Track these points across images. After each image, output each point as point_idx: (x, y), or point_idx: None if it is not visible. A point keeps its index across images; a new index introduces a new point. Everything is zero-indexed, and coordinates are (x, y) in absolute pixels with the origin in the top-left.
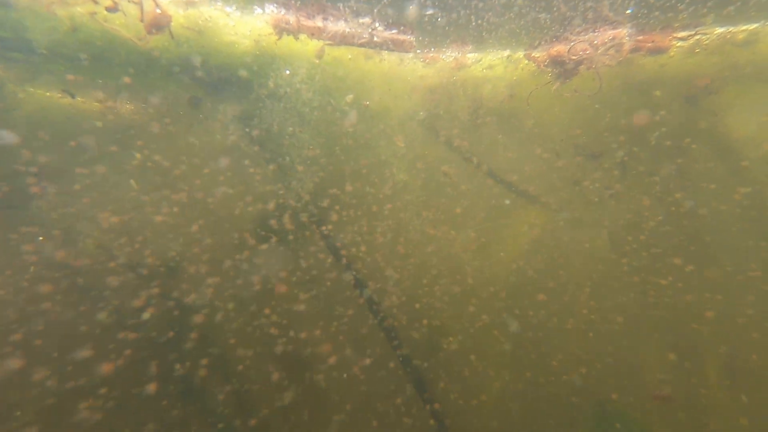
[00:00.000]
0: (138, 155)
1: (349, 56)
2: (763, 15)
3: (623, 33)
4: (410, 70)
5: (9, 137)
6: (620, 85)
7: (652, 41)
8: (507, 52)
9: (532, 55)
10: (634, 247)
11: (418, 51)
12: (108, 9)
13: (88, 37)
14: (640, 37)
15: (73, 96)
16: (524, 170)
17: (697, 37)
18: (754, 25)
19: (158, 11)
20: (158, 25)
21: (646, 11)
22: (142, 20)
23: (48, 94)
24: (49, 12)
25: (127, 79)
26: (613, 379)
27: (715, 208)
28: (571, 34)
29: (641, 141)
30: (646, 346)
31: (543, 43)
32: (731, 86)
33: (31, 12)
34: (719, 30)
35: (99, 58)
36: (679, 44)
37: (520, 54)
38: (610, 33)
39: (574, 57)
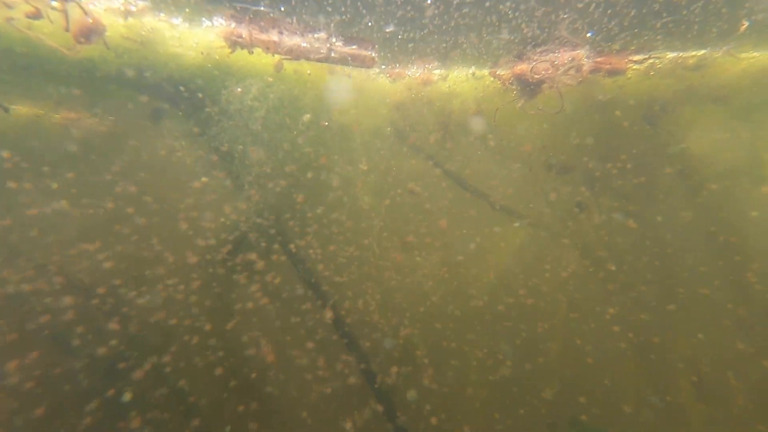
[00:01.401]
0: (76, 173)
1: (309, 71)
2: (709, 42)
3: (582, 54)
4: (377, 85)
5: None
6: (582, 105)
7: (610, 63)
8: (472, 69)
9: (497, 72)
10: (606, 261)
11: (383, 66)
12: (29, 16)
13: (8, 44)
14: (599, 59)
15: (6, 110)
16: (494, 186)
17: (651, 60)
18: (702, 51)
19: (89, 20)
20: (89, 34)
21: (602, 35)
22: (67, 29)
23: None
24: None
25: (64, 92)
26: (584, 398)
27: (676, 222)
28: (533, 54)
29: (605, 158)
30: (619, 362)
31: (507, 61)
32: (686, 107)
33: None
34: (671, 55)
35: (24, 68)
36: (635, 67)
37: (485, 71)
38: (570, 54)
39: (537, 76)
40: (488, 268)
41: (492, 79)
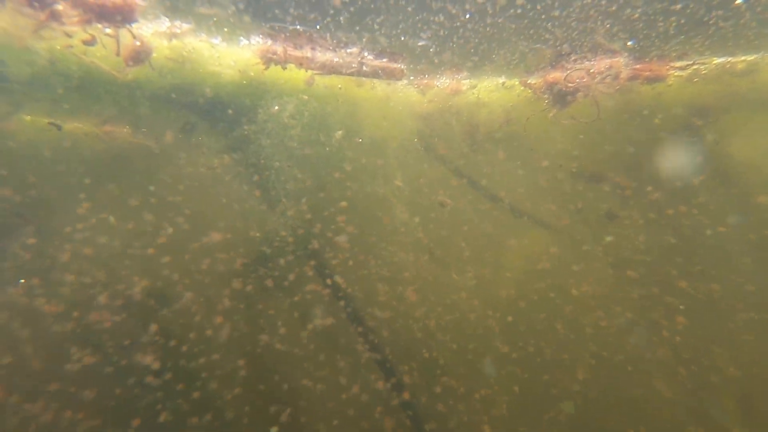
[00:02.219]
0: (120, 188)
1: (339, 85)
2: (763, 46)
3: (620, 62)
4: (404, 97)
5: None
6: (618, 113)
7: (650, 70)
8: (502, 79)
9: (528, 81)
10: (638, 273)
11: (411, 78)
12: (85, 42)
13: (66, 69)
14: (638, 66)
15: (59, 128)
16: (524, 196)
17: (695, 66)
18: (753, 56)
19: (138, 44)
20: (137, 57)
21: (643, 42)
22: (118, 54)
23: (29, 118)
24: (25, 47)
25: (111, 111)
26: (614, 413)
27: (717, 233)
28: (566, 62)
29: (640, 166)
30: (653, 376)
31: (539, 70)
32: (732, 114)
33: (6, 48)
34: (717, 60)
35: (79, 90)
36: (677, 74)
37: (516, 81)
38: (607, 62)
39: (570, 84)
40: (517, 281)
41: (522, 88)
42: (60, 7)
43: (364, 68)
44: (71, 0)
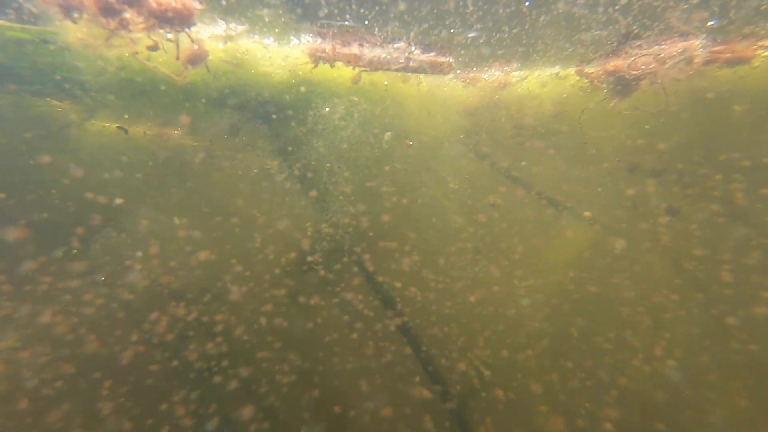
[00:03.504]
0: (180, 189)
1: (386, 81)
2: None
3: (696, 44)
4: (449, 91)
5: (76, 171)
6: (689, 100)
7: (732, 51)
8: (556, 69)
9: (585, 70)
10: (701, 272)
11: (458, 71)
12: (149, 48)
13: (131, 75)
14: (717, 48)
15: (126, 131)
16: (575, 192)
17: None
18: None
19: (195, 47)
20: (195, 60)
21: (725, 21)
22: (177, 58)
23: (105, 125)
24: (97, 54)
25: (169, 114)
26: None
27: None
28: (631, 48)
29: (709, 158)
30: (714, 385)
31: (598, 57)
32: None
33: (82, 55)
34: None
35: (142, 95)
36: (765, 54)
37: (571, 70)
38: (681, 45)
39: (634, 72)
40: (571, 281)
41: (578, 78)
42: (128, 15)
43: (412, 63)
44: (137, 7)
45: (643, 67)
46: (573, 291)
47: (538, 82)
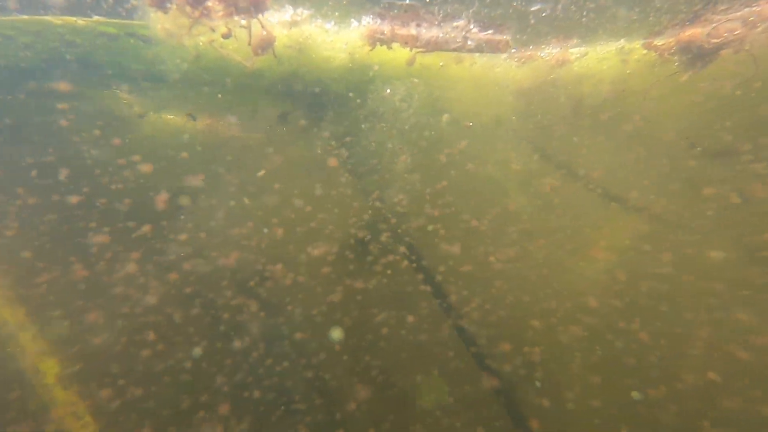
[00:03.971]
0: (239, 174)
1: (441, 63)
2: None
3: None
4: (503, 72)
5: (140, 161)
6: None
7: None
8: (621, 43)
9: (654, 43)
10: None
11: (513, 50)
12: (223, 36)
13: (207, 63)
14: None
15: (194, 119)
16: (633, 177)
17: None
18: None
19: (264, 33)
20: (264, 46)
21: None
22: (250, 43)
23: (170, 117)
24: (179, 44)
25: (236, 99)
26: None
27: None
28: (712, 13)
29: None
30: None
31: (671, 27)
32: None
33: (166, 46)
34: None
35: (215, 82)
36: None
37: (637, 44)
38: None
39: (715, 40)
40: (633, 277)
41: (644, 52)
42: (210, 3)
43: (469, 42)
44: None
45: (726, 33)
46: (630, 285)
47: (599, 58)
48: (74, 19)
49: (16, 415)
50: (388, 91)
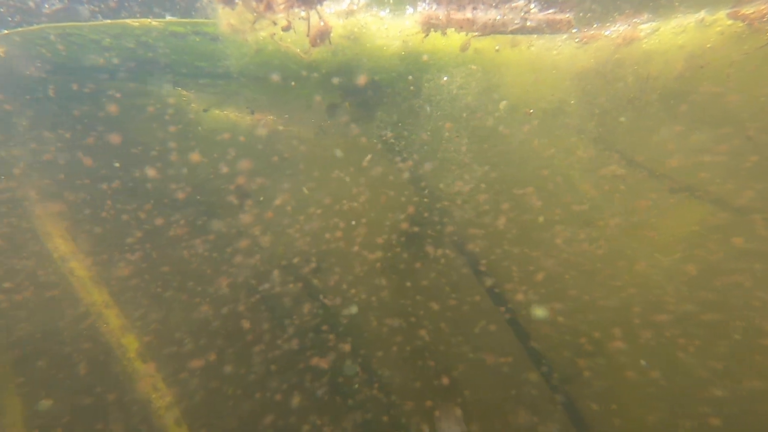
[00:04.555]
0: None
1: (497, 46)
2: None
3: None
4: (562, 53)
5: (195, 156)
6: None
7: None
8: (701, 14)
9: (741, 12)
10: None
11: (575, 30)
12: (283, 29)
13: (266, 56)
14: None
15: (253, 112)
16: (712, 165)
17: None
18: None
19: (322, 24)
20: (321, 37)
21: None
22: (308, 35)
23: (230, 111)
24: (242, 40)
25: (292, 92)
26: None
27: None
28: None
29: None
30: None
31: None
32: None
33: (229, 42)
34: None
35: (272, 76)
36: None
37: (722, 13)
38: None
39: None
40: (706, 272)
41: (729, 23)
42: None
43: (528, 23)
44: None
45: None
46: (703, 279)
47: (674, 32)
48: (149, 20)
49: (107, 385)
50: (444, 78)
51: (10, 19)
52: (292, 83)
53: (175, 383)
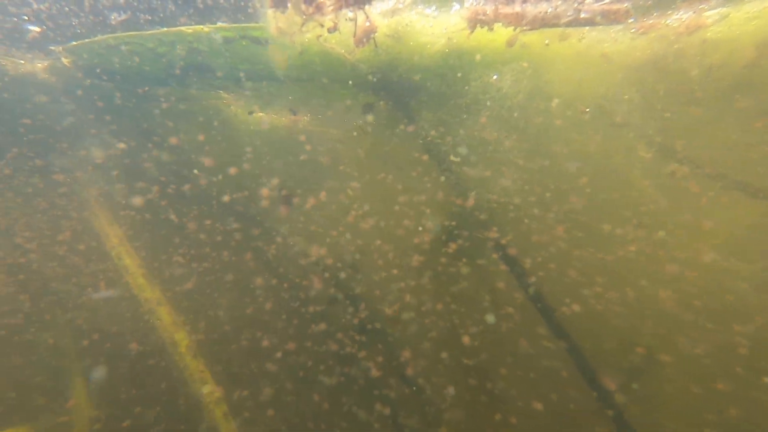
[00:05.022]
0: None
1: (547, 41)
2: None
3: None
4: (615, 45)
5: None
6: None
7: None
8: None
9: None
10: None
11: (631, 20)
12: (329, 30)
13: (310, 58)
14: None
15: (295, 113)
16: None
17: None
18: None
19: (368, 24)
20: (366, 36)
21: None
22: (355, 35)
23: (273, 114)
24: (289, 42)
25: (334, 93)
26: None
27: None
28: None
29: None
30: None
31: None
32: None
33: (275, 45)
34: None
35: (316, 77)
36: None
37: None
38: None
39: None
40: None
41: None
42: None
43: (582, 15)
44: None
45: None
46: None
47: (745, 18)
48: (202, 27)
49: (158, 377)
50: (494, 76)
51: (79, 30)
52: (334, 84)
53: (222, 378)
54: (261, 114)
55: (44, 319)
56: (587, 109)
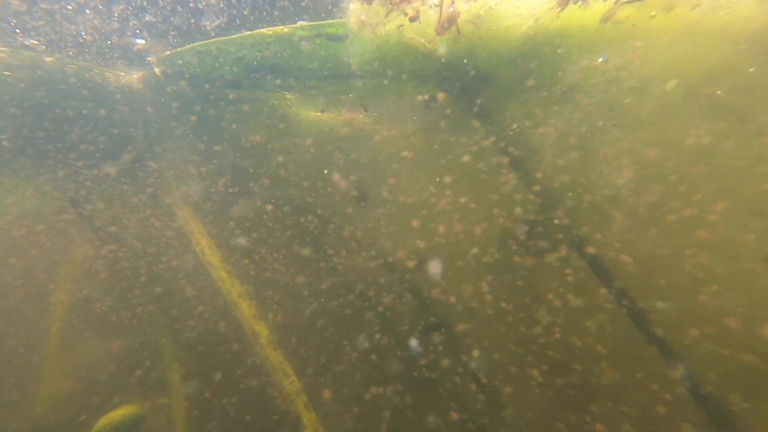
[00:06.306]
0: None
1: (653, 13)
2: None
3: None
4: (733, 13)
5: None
6: None
7: None
8: None
9: None
10: None
11: None
12: (411, 19)
13: (387, 50)
14: None
15: (366, 110)
16: None
17: None
18: None
19: (451, 9)
20: (449, 22)
21: None
22: (439, 21)
23: (345, 111)
24: (370, 34)
25: (409, 87)
26: None
27: None
28: None
29: None
30: None
31: None
32: None
33: (354, 39)
34: None
35: (391, 71)
36: None
37: None
38: None
39: None
40: None
41: None
42: None
43: None
44: None
45: None
46: None
47: None
48: (281, 27)
49: (243, 370)
50: (600, 59)
51: (176, 41)
52: (410, 77)
53: (302, 371)
54: (331, 115)
55: (136, 308)
56: (719, 92)
